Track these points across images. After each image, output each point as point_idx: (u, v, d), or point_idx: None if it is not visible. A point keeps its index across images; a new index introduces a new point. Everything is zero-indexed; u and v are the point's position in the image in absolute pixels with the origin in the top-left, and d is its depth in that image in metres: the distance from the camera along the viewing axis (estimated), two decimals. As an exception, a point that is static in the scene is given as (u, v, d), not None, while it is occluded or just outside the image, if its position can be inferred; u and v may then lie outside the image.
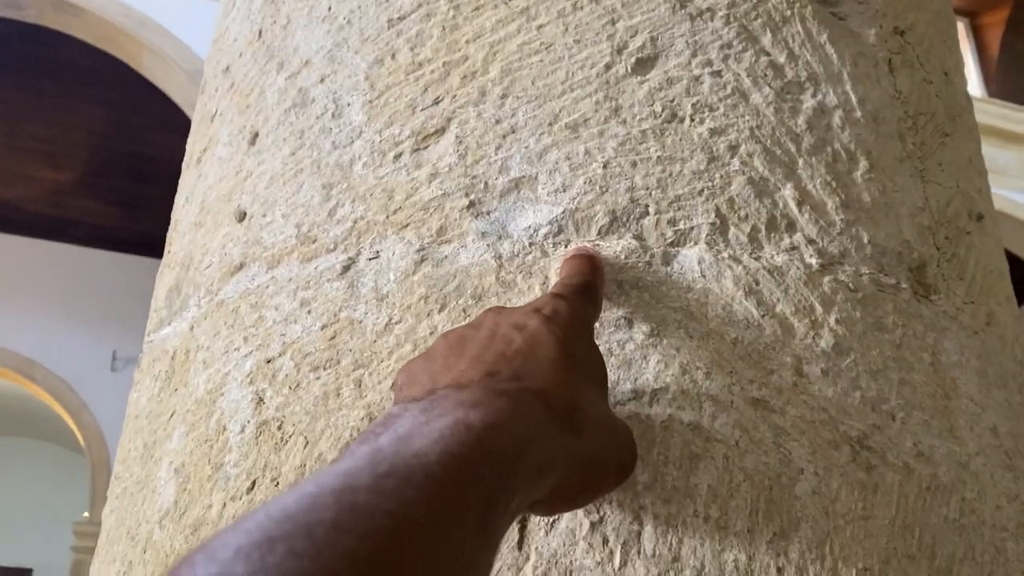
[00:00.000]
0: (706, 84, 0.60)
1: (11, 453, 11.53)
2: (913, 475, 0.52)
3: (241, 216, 0.68)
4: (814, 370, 0.52)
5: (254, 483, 0.55)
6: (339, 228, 0.61)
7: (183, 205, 0.82)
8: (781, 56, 0.62)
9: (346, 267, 0.59)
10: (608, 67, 0.60)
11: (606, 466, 0.43)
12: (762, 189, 0.57)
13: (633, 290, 0.53)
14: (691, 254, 0.55)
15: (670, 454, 0.48)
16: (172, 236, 0.82)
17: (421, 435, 0.31)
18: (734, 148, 0.58)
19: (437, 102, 0.62)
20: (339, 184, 0.62)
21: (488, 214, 0.57)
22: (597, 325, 0.52)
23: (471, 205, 0.58)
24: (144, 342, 0.79)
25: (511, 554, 0.47)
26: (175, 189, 0.87)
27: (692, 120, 0.58)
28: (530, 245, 0.56)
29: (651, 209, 0.56)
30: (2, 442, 11.62)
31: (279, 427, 0.56)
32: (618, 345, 0.52)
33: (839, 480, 0.50)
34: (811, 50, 0.63)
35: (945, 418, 0.56)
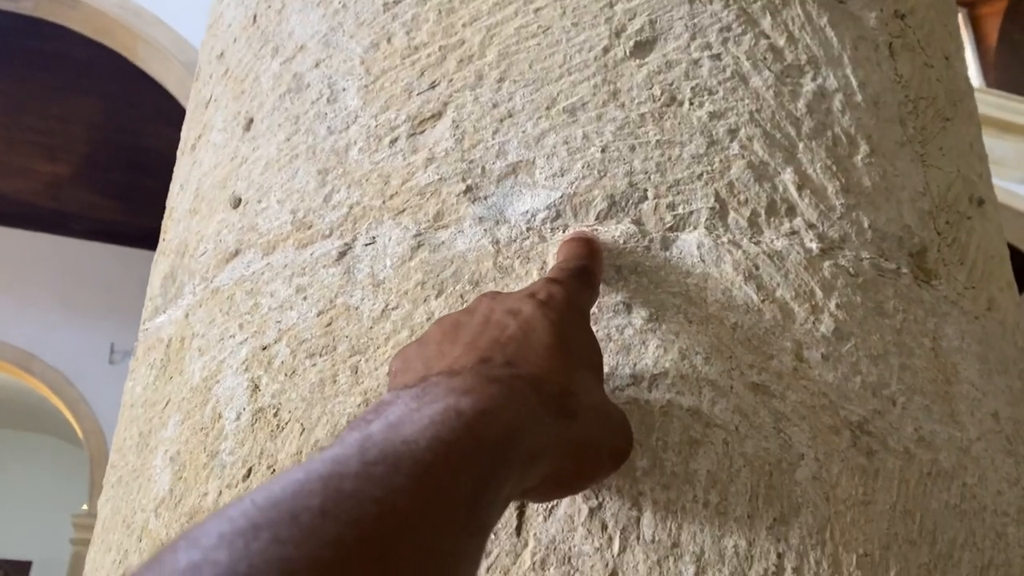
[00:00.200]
0: (705, 67, 0.59)
1: (9, 446, 11.52)
2: (914, 460, 0.52)
3: (236, 202, 0.67)
4: (814, 355, 0.52)
5: (250, 471, 0.55)
6: (335, 214, 0.60)
7: (178, 192, 0.81)
8: (781, 39, 0.61)
9: (342, 253, 0.58)
10: (606, 50, 0.59)
11: (600, 452, 0.42)
12: (762, 173, 0.57)
13: (632, 275, 0.53)
14: (690, 239, 0.54)
15: (669, 439, 0.48)
16: (167, 224, 0.82)
17: (411, 422, 0.30)
18: (733, 132, 0.57)
19: (433, 86, 0.61)
20: (335, 170, 0.62)
21: (485, 199, 0.57)
22: (595, 310, 0.52)
23: (468, 190, 0.57)
24: (139, 330, 0.78)
25: (509, 540, 0.46)
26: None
27: (691, 104, 0.58)
28: (528, 230, 0.55)
29: (650, 193, 0.55)
30: (0, 435, 11.63)
31: (275, 414, 0.55)
32: (617, 330, 0.51)
33: (840, 465, 0.49)
34: (811, 33, 0.63)
35: (946, 403, 0.55)
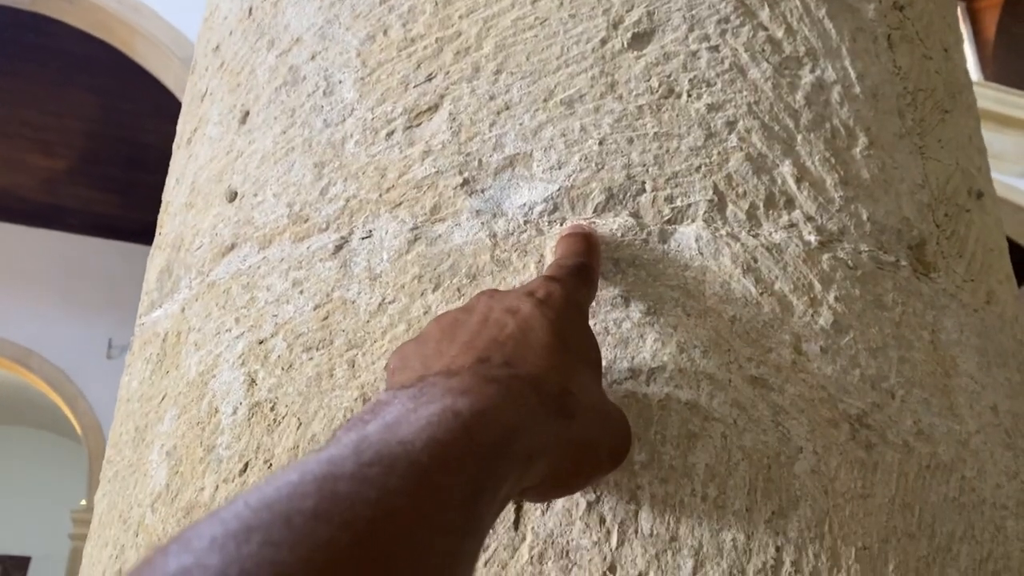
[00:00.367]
0: (703, 59, 0.59)
1: (7, 442, 11.52)
2: (913, 453, 0.51)
3: (232, 196, 0.67)
4: (813, 348, 0.52)
5: (247, 465, 0.54)
6: (331, 207, 0.60)
7: (174, 186, 0.80)
8: (779, 31, 0.61)
9: (339, 246, 0.58)
10: (604, 42, 0.59)
11: (599, 452, 0.42)
12: (760, 166, 0.56)
13: (630, 268, 0.53)
14: (688, 232, 0.54)
15: (667, 433, 0.48)
16: (163, 218, 0.81)
17: (408, 422, 0.30)
18: (732, 124, 0.57)
19: (430, 79, 0.61)
20: (331, 163, 0.61)
21: (482, 192, 0.56)
22: (593, 304, 0.52)
23: (465, 183, 0.57)
24: (136, 325, 0.78)
25: (507, 534, 0.46)
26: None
27: (689, 96, 0.57)
28: (525, 223, 0.55)
29: (648, 186, 0.55)
30: (-1, 431, 11.63)
31: (272, 408, 0.55)
32: (615, 324, 0.51)
33: (838, 459, 0.49)
34: (809, 25, 0.62)
35: (945, 396, 0.55)
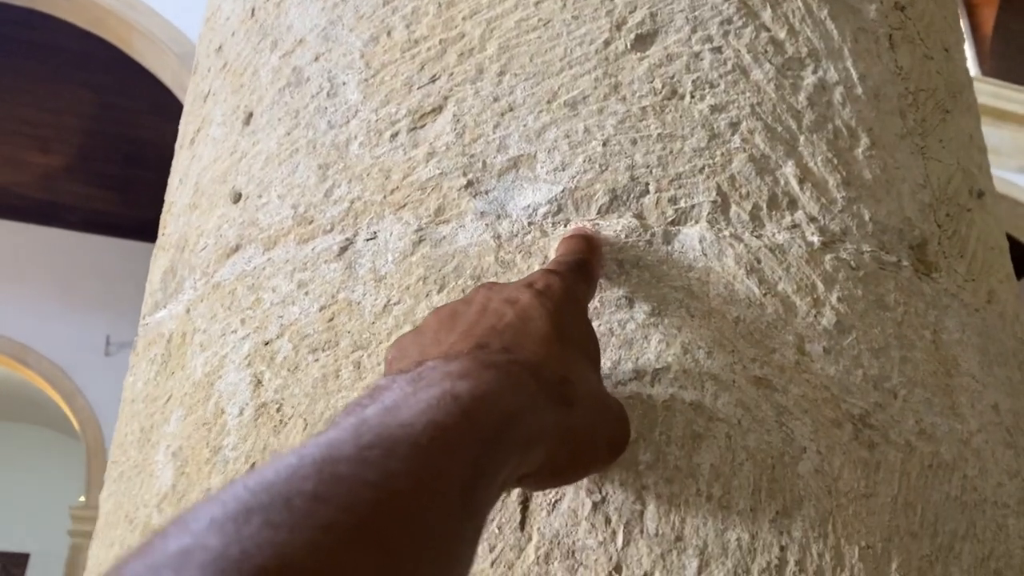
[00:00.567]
0: (706, 60, 0.59)
1: (5, 439, 11.50)
2: (915, 453, 0.52)
3: (236, 197, 0.67)
4: (816, 348, 0.52)
5: (253, 466, 0.55)
6: (336, 209, 0.60)
7: (177, 186, 0.81)
8: (781, 32, 0.61)
9: (343, 248, 0.58)
10: (607, 43, 0.59)
11: (597, 441, 0.42)
12: (763, 166, 0.57)
13: (634, 269, 0.53)
14: (692, 233, 0.54)
15: (672, 434, 0.48)
16: (166, 218, 0.81)
17: (408, 406, 0.30)
18: (735, 125, 0.57)
19: (434, 80, 0.61)
20: (335, 164, 0.62)
21: (486, 193, 0.57)
22: (597, 304, 0.52)
23: (469, 184, 0.57)
24: (139, 325, 0.78)
25: (513, 534, 0.47)
26: (167, 173, 0.86)
27: (692, 97, 0.58)
28: (529, 224, 0.55)
29: (651, 187, 0.55)
30: (-4, 428, 11.62)
31: (278, 409, 0.55)
32: (619, 325, 0.51)
33: (841, 458, 0.49)
34: (811, 25, 0.62)
35: (947, 396, 0.55)
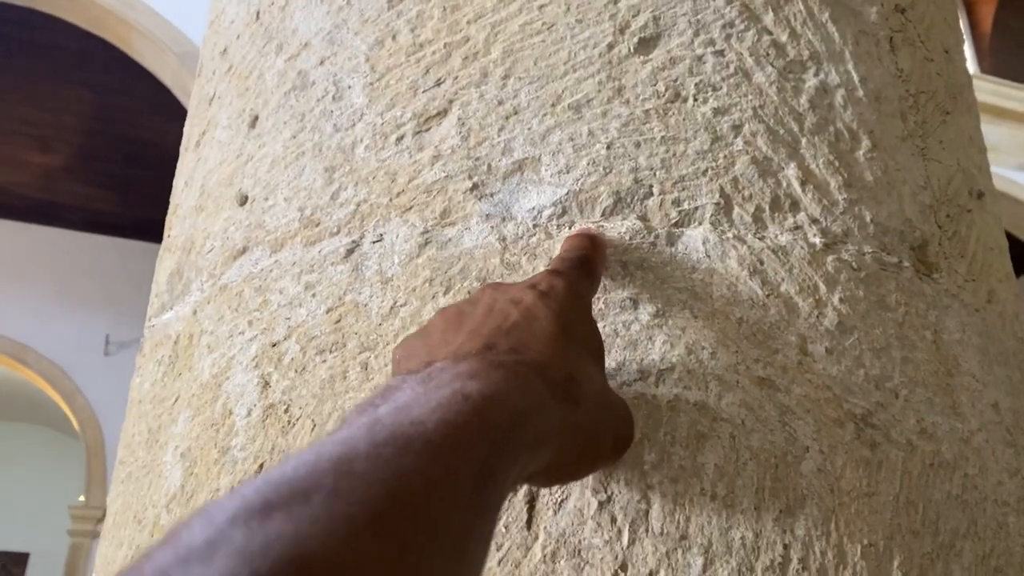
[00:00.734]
0: (709, 64, 0.59)
1: (5, 438, 11.50)
2: (916, 452, 0.52)
3: (243, 200, 0.68)
4: (818, 349, 0.53)
5: (262, 466, 0.55)
6: (342, 211, 0.61)
7: (183, 189, 0.81)
8: (783, 35, 0.62)
9: (350, 250, 0.59)
10: (611, 47, 0.59)
11: (603, 438, 0.43)
12: (766, 169, 0.57)
13: (638, 271, 0.53)
14: (695, 234, 0.55)
15: (677, 434, 0.49)
16: (172, 220, 0.82)
17: (419, 405, 0.31)
18: (737, 128, 0.58)
19: (439, 84, 0.61)
20: (341, 167, 0.62)
21: (492, 196, 0.57)
22: (602, 306, 0.52)
23: (474, 187, 0.57)
24: (145, 327, 0.79)
25: (520, 534, 0.47)
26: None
27: (695, 100, 0.58)
28: (534, 227, 0.56)
29: (655, 190, 0.56)
30: (-4, 427, 11.62)
31: (286, 410, 0.56)
32: (624, 326, 0.52)
33: (844, 458, 0.50)
34: (813, 29, 0.63)
35: (947, 395, 0.56)
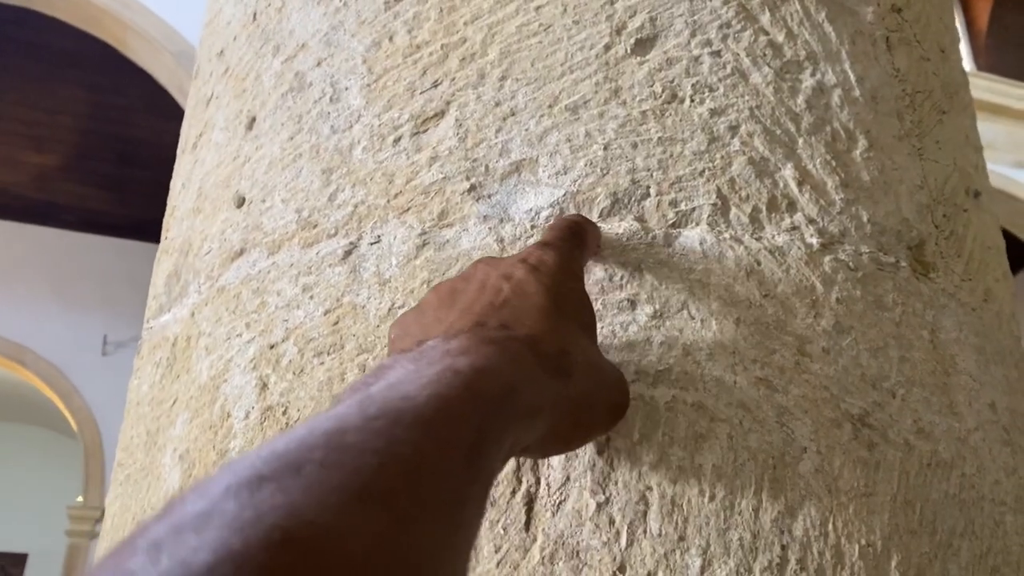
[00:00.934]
0: (705, 64, 0.59)
1: (2, 439, 11.48)
2: (914, 452, 0.53)
3: (240, 201, 0.68)
4: (816, 349, 0.53)
5: (260, 468, 0.55)
6: (340, 213, 0.61)
7: (180, 191, 0.81)
8: (780, 35, 0.62)
9: (348, 252, 0.59)
10: (607, 48, 0.60)
11: (597, 408, 0.44)
12: (762, 169, 0.57)
13: (635, 272, 0.54)
14: (693, 235, 0.55)
15: (675, 435, 0.49)
16: (169, 222, 0.82)
17: (410, 381, 0.32)
18: (734, 128, 0.58)
19: (436, 85, 0.61)
20: (339, 169, 0.62)
21: (489, 197, 0.57)
22: (600, 307, 0.53)
23: (472, 188, 0.57)
24: (143, 328, 0.79)
25: (518, 535, 0.47)
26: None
27: (692, 101, 0.58)
28: (532, 228, 0.56)
29: (652, 191, 0.56)
30: (-6, 427, 11.60)
31: (284, 412, 0.56)
32: (621, 327, 0.52)
33: (841, 458, 0.50)
34: (809, 29, 0.63)
35: (944, 395, 0.56)
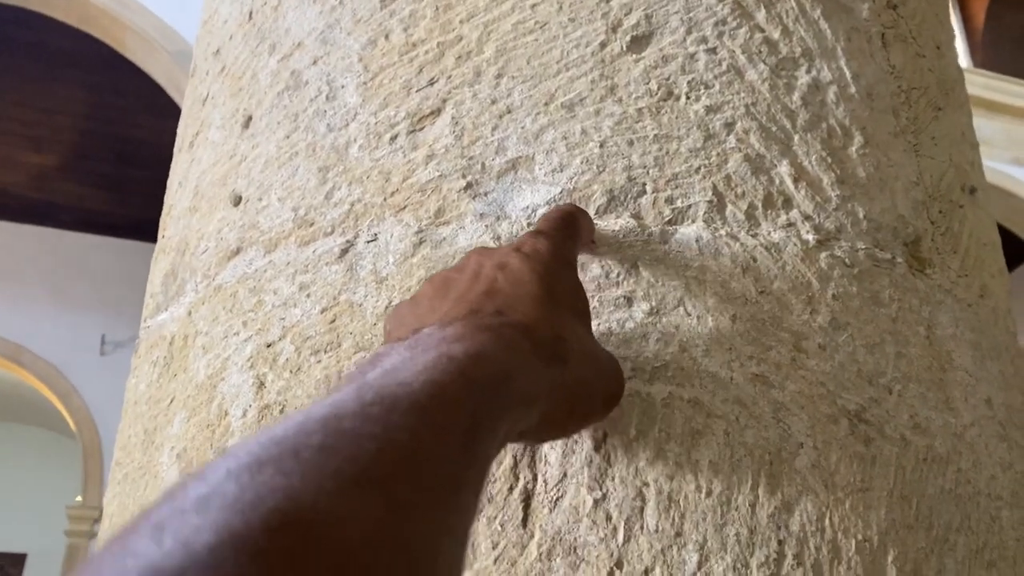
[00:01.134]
0: (701, 61, 0.60)
1: (1, 439, 11.48)
2: (910, 447, 0.53)
3: (236, 200, 0.68)
4: (812, 345, 0.53)
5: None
6: (336, 211, 0.61)
7: (176, 190, 0.81)
8: (775, 32, 0.62)
9: (344, 250, 0.59)
10: (603, 45, 0.60)
11: (593, 395, 0.44)
12: (758, 166, 0.57)
13: (632, 269, 0.54)
14: (689, 232, 0.55)
15: (672, 431, 0.49)
16: (166, 221, 0.82)
17: (406, 368, 0.32)
18: (730, 125, 0.58)
19: (432, 83, 0.61)
20: (335, 167, 0.62)
21: (486, 195, 0.57)
22: (596, 304, 0.53)
23: (468, 186, 0.58)
24: (141, 328, 0.79)
25: (516, 532, 0.47)
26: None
27: (688, 98, 0.58)
28: (528, 225, 0.56)
29: (648, 188, 0.56)
30: (-8, 428, 11.59)
31: (281, 411, 0.56)
32: (618, 324, 0.52)
33: (838, 453, 0.50)
34: (805, 25, 0.63)
35: (941, 390, 0.56)
